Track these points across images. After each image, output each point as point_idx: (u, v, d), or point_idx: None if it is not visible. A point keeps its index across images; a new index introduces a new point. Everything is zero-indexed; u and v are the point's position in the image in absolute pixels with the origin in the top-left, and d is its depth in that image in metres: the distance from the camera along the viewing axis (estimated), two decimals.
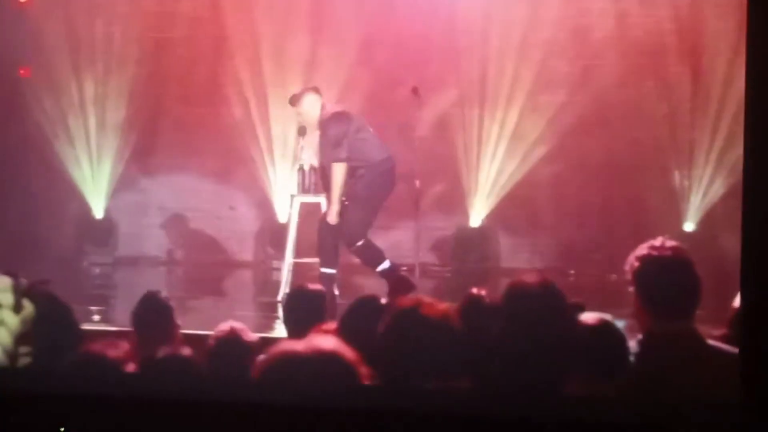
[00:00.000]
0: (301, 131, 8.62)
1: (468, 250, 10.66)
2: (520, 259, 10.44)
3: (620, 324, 3.66)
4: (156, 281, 10.23)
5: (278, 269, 9.22)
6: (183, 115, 10.87)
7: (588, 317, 3.64)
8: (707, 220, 10.26)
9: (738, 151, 8.07)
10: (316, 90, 8.47)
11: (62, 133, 10.93)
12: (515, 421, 3.03)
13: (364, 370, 2.94)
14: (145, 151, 11.01)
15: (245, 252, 11.07)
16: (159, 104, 10.95)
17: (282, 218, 10.45)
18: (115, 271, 10.74)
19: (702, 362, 3.54)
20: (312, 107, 8.36)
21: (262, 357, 3.12)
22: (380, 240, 8.48)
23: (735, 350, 3.43)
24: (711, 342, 3.65)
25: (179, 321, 4.94)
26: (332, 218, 8.17)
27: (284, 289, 8.43)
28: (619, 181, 10.44)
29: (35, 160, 10.71)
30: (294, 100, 8.45)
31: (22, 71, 10.66)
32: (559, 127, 10.50)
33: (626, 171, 10.42)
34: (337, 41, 10.42)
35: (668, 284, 3.58)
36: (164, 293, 5.00)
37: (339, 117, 8.25)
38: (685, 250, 3.66)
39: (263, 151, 10.89)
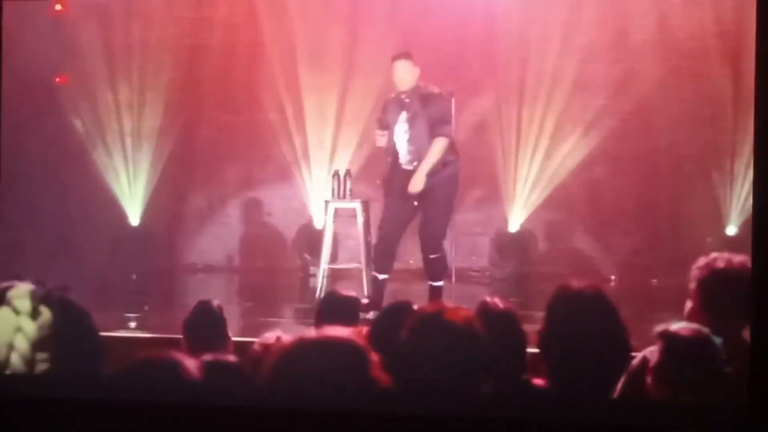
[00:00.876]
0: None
1: (506, 255, 10.56)
2: (559, 264, 10.31)
3: (717, 341, 3.59)
4: (192, 288, 10.23)
5: (315, 275, 9.18)
6: (219, 122, 10.87)
7: (682, 327, 3.55)
8: (751, 224, 10.08)
9: None
10: (414, 62, 7.97)
11: (98, 139, 10.97)
12: (518, 422, 3.00)
13: (374, 356, 3.01)
14: (181, 157, 11.01)
15: (282, 258, 11.03)
16: (195, 111, 10.95)
17: (318, 224, 10.41)
18: (151, 279, 10.72)
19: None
20: (410, 74, 7.87)
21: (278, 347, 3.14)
22: (414, 245, 8.33)
23: None
24: None
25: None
26: (417, 186, 7.78)
27: (319, 296, 8.36)
28: (661, 185, 10.33)
29: (72, 166, 10.75)
30: (402, 56, 7.92)
31: (58, 79, 10.70)
32: (599, 131, 10.40)
33: (668, 174, 10.32)
34: (374, 45, 10.34)
35: (731, 295, 3.74)
36: (217, 303, 4.85)
37: (446, 99, 7.90)
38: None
39: (299, 157, 10.87)
